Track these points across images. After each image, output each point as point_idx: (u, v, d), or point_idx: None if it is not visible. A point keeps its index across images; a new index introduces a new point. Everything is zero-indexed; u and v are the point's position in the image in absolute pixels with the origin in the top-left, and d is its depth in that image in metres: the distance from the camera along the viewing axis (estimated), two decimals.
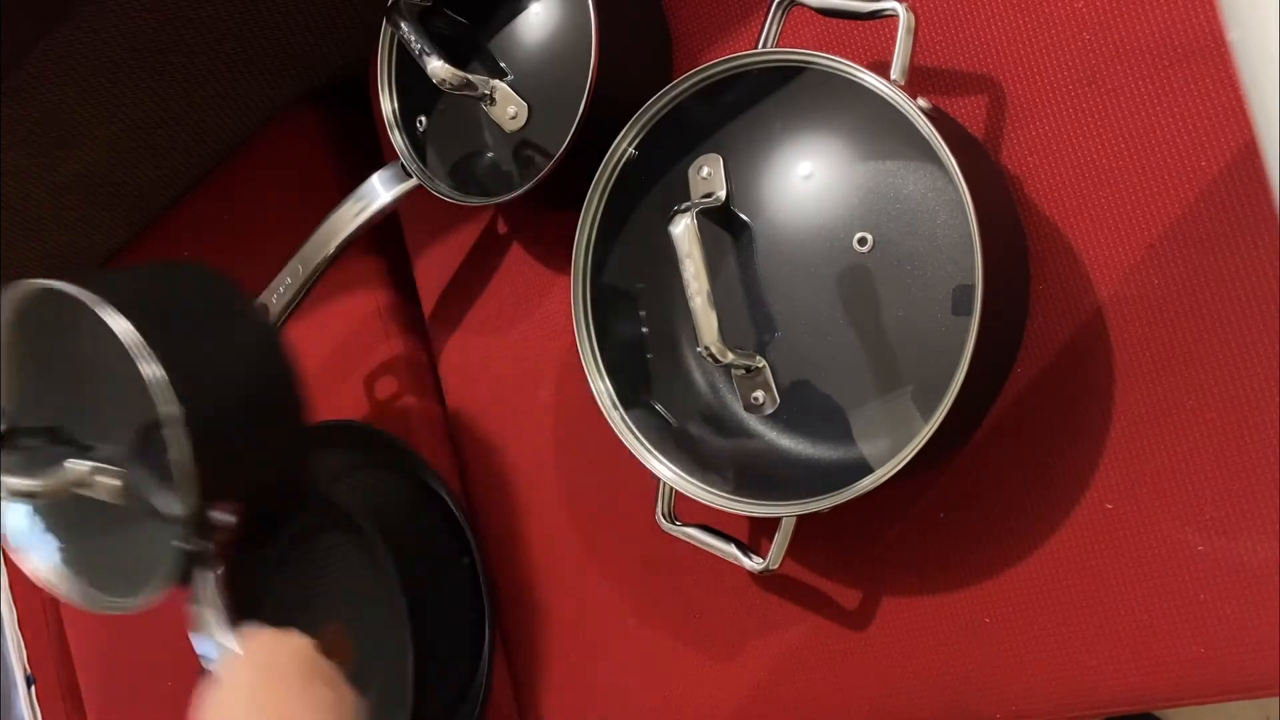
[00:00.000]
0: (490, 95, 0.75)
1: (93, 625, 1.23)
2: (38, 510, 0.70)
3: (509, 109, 0.75)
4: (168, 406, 0.56)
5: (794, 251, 0.65)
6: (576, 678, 0.82)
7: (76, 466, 0.64)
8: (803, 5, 0.61)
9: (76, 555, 0.70)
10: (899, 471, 0.56)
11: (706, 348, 0.60)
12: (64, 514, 0.71)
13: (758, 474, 0.65)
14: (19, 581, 1.34)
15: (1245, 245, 0.55)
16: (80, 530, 0.71)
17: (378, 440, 0.88)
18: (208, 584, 0.63)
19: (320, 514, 0.83)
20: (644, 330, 0.70)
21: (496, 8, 0.78)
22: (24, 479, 0.64)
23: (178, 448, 0.57)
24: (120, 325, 0.57)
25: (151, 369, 0.56)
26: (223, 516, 0.62)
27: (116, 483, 0.64)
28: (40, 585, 0.71)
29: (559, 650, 0.83)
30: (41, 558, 0.71)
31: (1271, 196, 0.50)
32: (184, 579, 0.62)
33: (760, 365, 0.65)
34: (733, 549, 0.65)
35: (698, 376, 0.70)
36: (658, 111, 0.66)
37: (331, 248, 0.82)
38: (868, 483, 0.57)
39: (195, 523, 0.60)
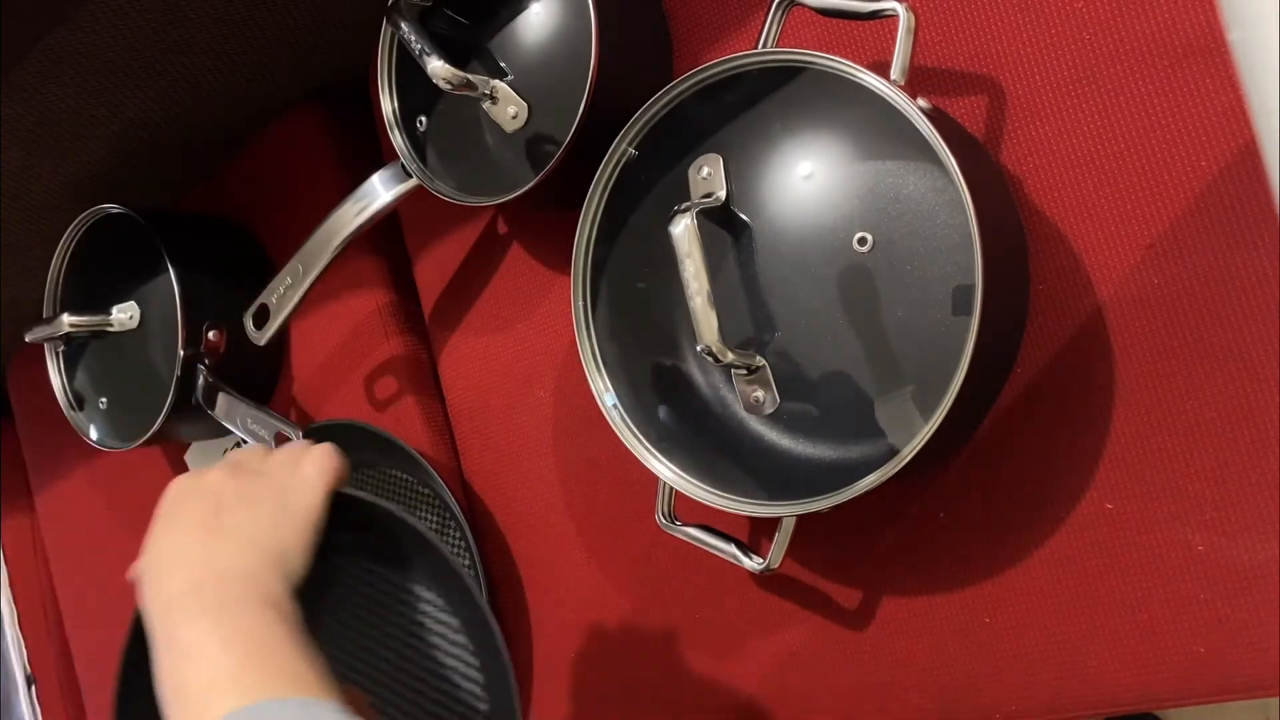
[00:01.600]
0: (490, 95, 0.75)
1: (93, 625, 1.23)
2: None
3: (509, 109, 0.75)
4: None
5: (794, 251, 0.65)
6: (576, 677, 0.82)
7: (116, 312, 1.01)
8: (803, 5, 0.61)
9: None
10: (899, 471, 0.56)
11: (706, 348, 0.60)
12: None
13: (757, 474, 0.65)
14: (19, 581, 1.34)
15: (1245, 245, 0.55)
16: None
17: (378, 440, 0.88)
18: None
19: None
20: (644, 330, 0.70)
21: (496, 8, 0.78)
22: (82, 316, 1.00)
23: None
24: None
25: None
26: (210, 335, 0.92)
27: (135, 311, 1.01)
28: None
29: (559, 650, 0.83)
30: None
31: (1271, 196, 0.50)
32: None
33: (760, 365, 0.65)
34: (733, 549, 0.65)
35: (698, 376, 0.70)
36: (658, 111, 0.66)
37: (331, 248, 0.82)
38: (868, 483, 0.57)
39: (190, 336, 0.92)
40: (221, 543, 0.49)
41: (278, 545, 0.50)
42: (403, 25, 0.74)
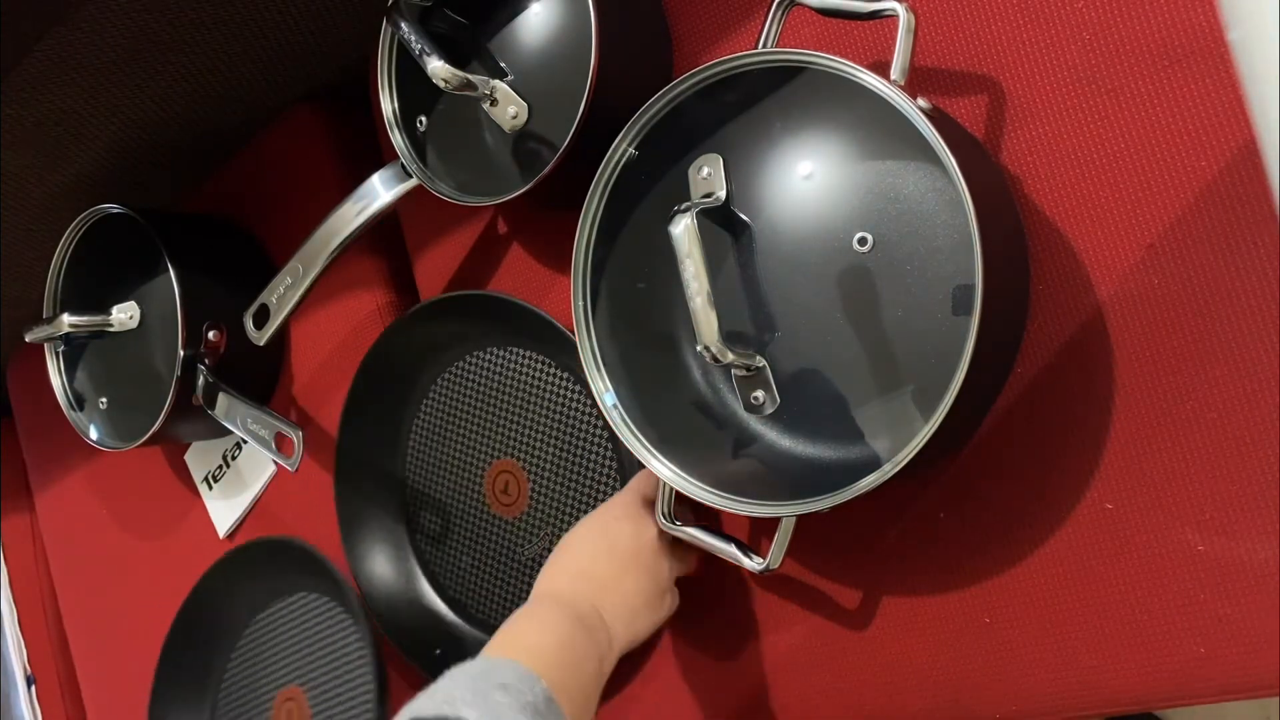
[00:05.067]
0: (490, 95, 0.75)
1: (93, 625, 1.23)
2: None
3: (509, 109, 0.75)
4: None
5: (794, 251, 0.65)
6: None
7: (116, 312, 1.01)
8: (803, 5, 0.61)
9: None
10: (899, 471, 0.56)
11: (706, 348, 0.60)
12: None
13: (758, 474, 0.65)
14: (19, 581, 1.34)
15: (1245, 245, 0.55)
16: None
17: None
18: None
19: None
20: (644, 330, 0.70)
21: (496, 8, 0.78)
22: (82, 316, 1.00)
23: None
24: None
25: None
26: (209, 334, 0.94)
27: (135, 311, 1.00)
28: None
29: None
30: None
31: (1271, 196, 0.50)
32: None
33: (760, 365, 0.65)
34: (733, 549, 0.65)
35: (698, 376, 0.70)
36: (658, 112, 0.66)
37: (331, 248, 0.82)
38: (868, 483, 0.57)
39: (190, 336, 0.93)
40: (616, 586, 0.65)
41: (638, 623, 0.66)
42: (403, 25, 0.74)
